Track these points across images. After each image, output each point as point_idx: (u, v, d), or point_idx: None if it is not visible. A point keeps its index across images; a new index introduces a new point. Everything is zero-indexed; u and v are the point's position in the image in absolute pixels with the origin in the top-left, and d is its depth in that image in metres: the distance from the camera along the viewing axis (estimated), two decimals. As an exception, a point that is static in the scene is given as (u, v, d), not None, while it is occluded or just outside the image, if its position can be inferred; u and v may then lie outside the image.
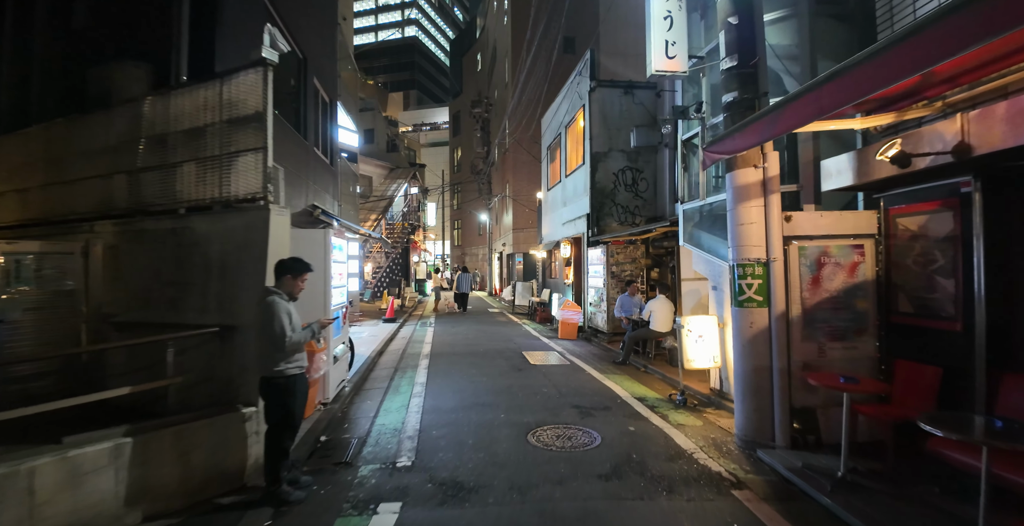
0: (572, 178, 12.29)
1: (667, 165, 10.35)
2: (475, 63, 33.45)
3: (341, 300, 5.55)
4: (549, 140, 14.90)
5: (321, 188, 9.25)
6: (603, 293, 9.60)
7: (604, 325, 9.55)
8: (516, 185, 21.83)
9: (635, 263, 9.63)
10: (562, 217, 13.05)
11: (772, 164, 4.10)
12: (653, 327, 7.17)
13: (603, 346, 9.14)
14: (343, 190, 12.38)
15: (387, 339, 9.67)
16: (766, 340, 4.06)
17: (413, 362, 7.57)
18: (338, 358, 5.42)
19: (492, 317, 14.71)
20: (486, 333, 10.95)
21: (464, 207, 33.61)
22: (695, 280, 7.43)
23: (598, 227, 10.71)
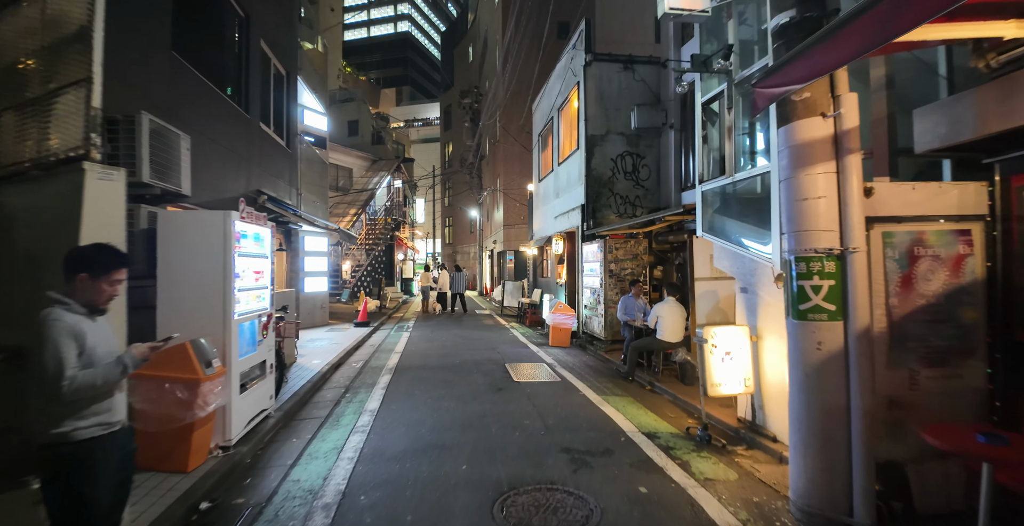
0: (565, 166, 11.01)
1: (672, 149, 9.09)
2: (466, 55, 32.21)
3: (259, 306, 4.24)
4: (540, 126, 13.61)
5: (272, 173, 7.92)
6: (600, 294, 8.33)
7: (601, 331, 8.28)
8: (507, 179, 20.54)
9: (636, 260, 8.36)
10: (554, 210, 11.76)
11: (850, 111, 2.82)
12: (661, 336, 5.90)
13: (600, 356, 7.87)
14: (309, 179, 11.05)
15: (350, 348, 8.36)
16: (841, 368, 2.79)
17: (372, 379, 6.25)
18: (252, 383, 4.10)
19: (478, 319, 13.42)
20: (467, 340, 9.65)
21: (455, 203, 32.30)
22: (711, 280, 6.17)
23: (594, 219, 9.44)
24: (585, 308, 9.16)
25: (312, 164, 11.14)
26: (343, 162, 19.47)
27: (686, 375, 5.88)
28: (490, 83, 24.89)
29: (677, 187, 8.99)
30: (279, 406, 4.85)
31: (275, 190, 8.02)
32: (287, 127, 8.90)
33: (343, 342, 8.87)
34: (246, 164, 6.85)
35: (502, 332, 10.86)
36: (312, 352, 7.79)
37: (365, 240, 18.78)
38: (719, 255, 4.85)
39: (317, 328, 10.87)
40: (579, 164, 9.92)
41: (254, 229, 4.20)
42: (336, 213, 18.19)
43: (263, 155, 7.54)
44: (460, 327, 11.76)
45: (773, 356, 4.14)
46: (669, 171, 9.22)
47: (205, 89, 5.64)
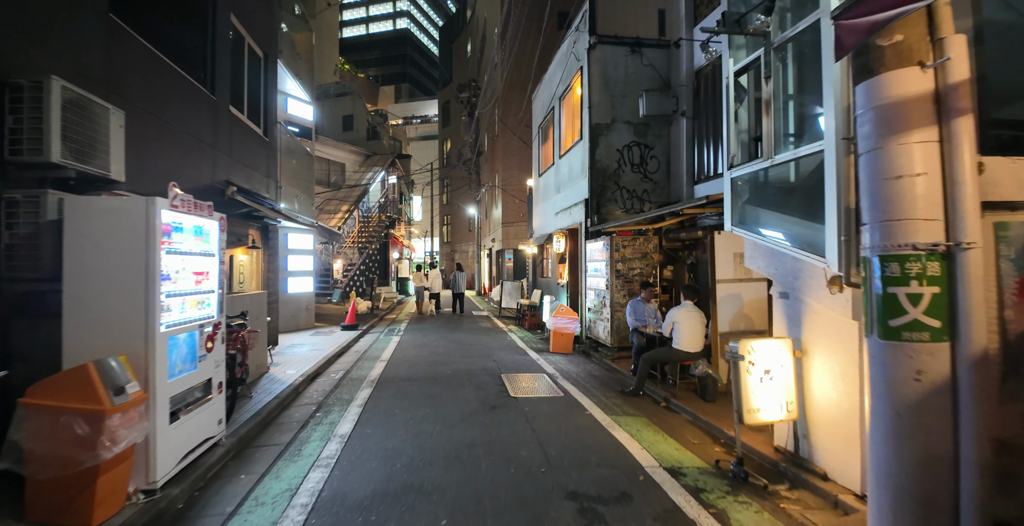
0: (567, 158, 10.28)
1: (684, 139, 8.37)
2: (465, 50, 31.54)
3: (200, 314, 3.51)
4: (541, 118, 12.88)
5: (245, 163, 7.19)
6: (606, 297, 7.60)
7: (607, 337, 7.55)
8: (506, 174, 19.81)
9: (646, 259, 7.63)
10: (555, 205, 11.03)
11: (959, 57, 2.09)
12: (678, 345, 5.17)
13: (606, 365, 7.15)
14: (292, 171, 10.32)
15: (332, 355, 7.63)
16: (947, 405, 2.06)
17: (349, 393, 5.53)
18: (190, 408, 3.37)
19: (475, 322, 12.70)
20: (462, 345, 8.92)
21: (454, 201, 31.59)
22: (735, 282, 5.44)
23: (599, 215, 8.72)
24: (589, 311, 8.44)
25: (296, 156, 10.40)
26: (335, 157, 18.73)
27: (707, 390, 5.15)
28: (488, 77, 24.16)
29: (689, 180, 8.27)
30: (233, 431, 4.13)
31: (249, 182, 7.29)
32: (265, 114, 8.16)
33: (326, 348, 8.15)
34: (211, 151, 6.11)
35: (499, 336, 10.14)
36: (289, 360, 7.06)
37: (358, 238, 18.05)
38: (751, 253, 4.12)
39: (301, 332, 10.15)
40: (582, 156, 9.19)
41: (194, 221, 3.46)
42: (327, 210, 17.47)
43: (234, 142, 6.81)
44: (455, 330, 11.03)
45: (822, 375, 3.43)
46: (680, 163, 8.50)
47: (156, 63, 4.90)
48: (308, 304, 10.79)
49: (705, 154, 7.84)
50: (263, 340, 6.30)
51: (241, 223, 7.05)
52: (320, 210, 17.55)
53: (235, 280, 6.72)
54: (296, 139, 10.49)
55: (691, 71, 8.28)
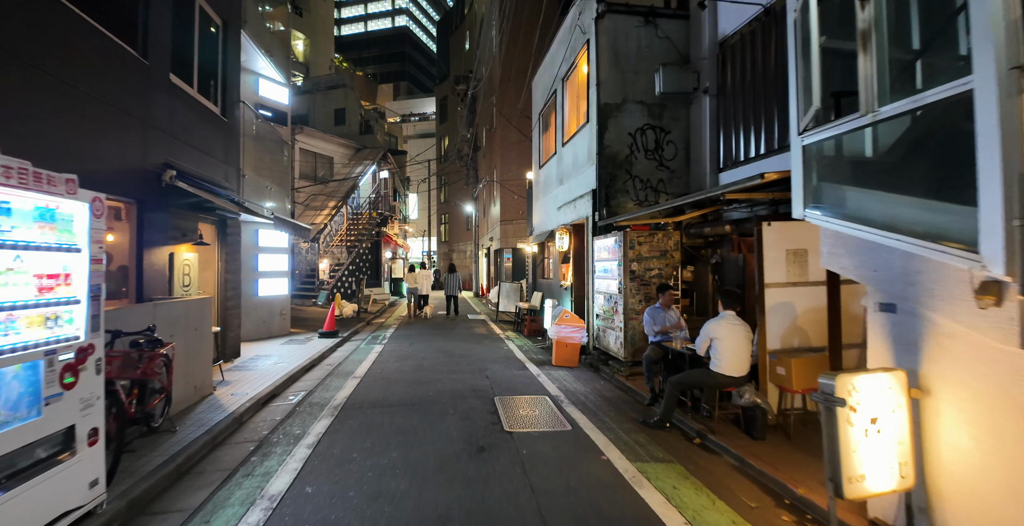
0: (571, 146, 9.18)
1: (707, 120, 7.28)
2: (463, 43, 30.48)
3: (44, 337, 2.40)
4: (541, 104, 11.78)
5: (194, 144, 6.09)
6: (618, 302, 6.50)
7: (619, 349, 6.45)
8: (504, 169, 18.71)
9: (665, 258, 6.53)
10: (558, 199, 9.94)
11: None
12: (718, 368, 4.08)
13: (618, 382, 6.06)
14: (262, 160, 9.23)
15: (298, 370, 6.53)
16: None
17: (303, 426, 4.42)
18: (23, 476, 2.27)
19: (469, 327, 11.60)
20: (452, 357, 7.83)
21: (451, 199, 30.50)
22: (786, 286, 4.35)
23: (608, 208, 7.63)
24: (597, 318, 7.34)
25: (267, 143, 9.30)
26: (322, 149, 17.63)
27: (754, 424, 4.05)
28: (486, 68, 23.08)
29: (714, 167, 7.18)
30: (125, 490, 3.02)
31: (200, 167, 6.20)
32: (223, 91, 7.06)
33: (293, 361, 7.05)
34: (140, 126, 5.02)
35: (495, 344, 9.04)
36: (244, 378, 5.96)
37: (346, 236, 16.95)
38: (832, 249, 3.02)
39: (274, 339, 9.06)
40: (589, 141, 8.10)
41: (34, 199, 2.36)
42: (313, 206, 16.39)
43: (177, 119, 5.71)
44: (446, 337, 9.93)
45: (956, 425, 2.33)
46: (703, 147, 7.41)
47: (49, 5, 3.80)
48: (283, 308, 9.70)
49: (733, 137, 6.76)
50: (206, 356, 5.21)
51: (186, 215, 5.95)
52: (306, 206, 16.47)
53: (177, 283, 5.62)
54: (269, 125, 9.39)
55: (715, 42, 7.18)
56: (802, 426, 4.20)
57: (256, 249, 9.08)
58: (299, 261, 16.35)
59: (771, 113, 5.79)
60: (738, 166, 6.60)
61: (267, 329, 9.32)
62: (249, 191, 8.40)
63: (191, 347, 4.89)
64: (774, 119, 5.75)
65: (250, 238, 8.91)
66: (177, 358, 4.63)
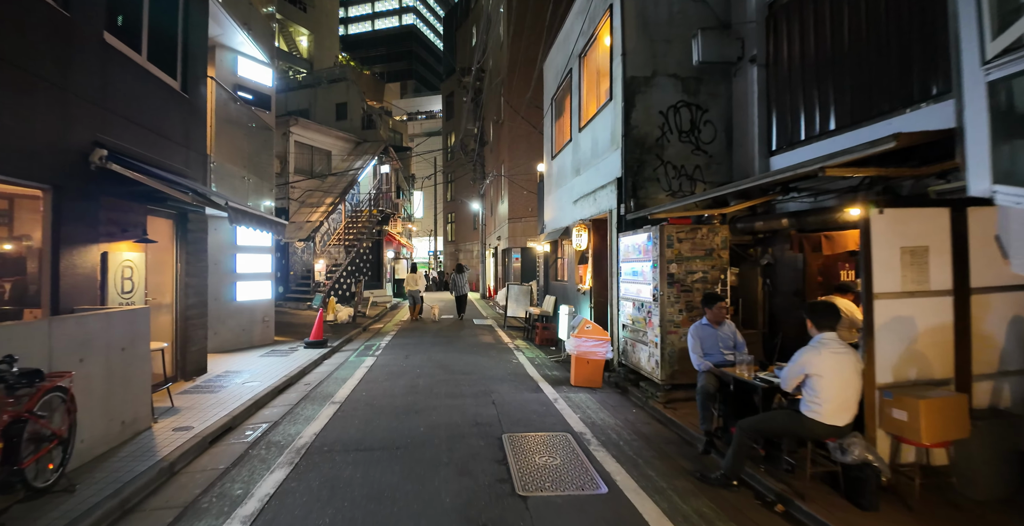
0: (590, 130, 8.05)
1: (754, 95, 6.15)
2: (469, 37, 29.48)
3: None
4: (554, 88, 10.65)
5: (140, 122, 5.04)
6: (652, 312, 5.36)
7: (654, 368, 5.30)
8: (512, 164, 17.61)
9: (711, 259, 5.38)
10: (574, 191, 8.81)
11: None
12: (814, 412, 2.93)
13: (655, 411, 4.92)
14: (243, 148, 8.19)
15: (269, 392, 5.46)
16: None
17: (246, 483, 3.34)
18: None
19: (474, 333, 10.50)
20: (452, 373, 6.73)
21: (457, 197, 29.46)
22: (901, 297, 3.20)
23: (636, 199, 6.49)
24: (624, 330, 6.20)
25: (244, 129, 8.27)
26: (320, 143, 16.61)
27: (863, 490, 2.90)
28: (493, 60, 22.00)
29: (763, 150, 6.03)
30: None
31: (149, 149, 5.15)
32: (184, 62, 6.02)
33: (267, 378, 5.99)
34: (58, 94, 3.97)
35: (503, 357, 7.93)
36: (199, 403, 4.90)
37: (344, 235, 15.93)
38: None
39: (254, 350, 8.02)
40: (612, 122, 6.96)
41: None
42: (310, 203, 15.40)
43: (113, 90, 4.66)
44: (447, 347, 8.84)
45: None
46: (748, 127, 6.26)
47: None
48: (265, 314, 8.66)
49: (789, 113, 5.61)
50: (140, 382, 4.15)
51: (128, 207, 4.90)
52: (301, 203, 15.47)
53: (113, 289, 4.57)
54: (249, 109, 8.35)
55: (763, 3, 6.04)
56: (928, 492, 3.04)
57: (234, 248, 8.05)
58: (294, 261, 15.36)
59: (847, 80, 4.65)
60: (796, 147, 5.45)
61: (247, 338, 8.29)
62: (221, 182, 7.37)
63: (116, 372, 3.83)
64: (848, 89, 4.63)
65: (227, 236, 7.89)
66: (93, 389, 3.58)
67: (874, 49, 4.34)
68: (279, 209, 15.51)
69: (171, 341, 5.75)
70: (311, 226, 14.01)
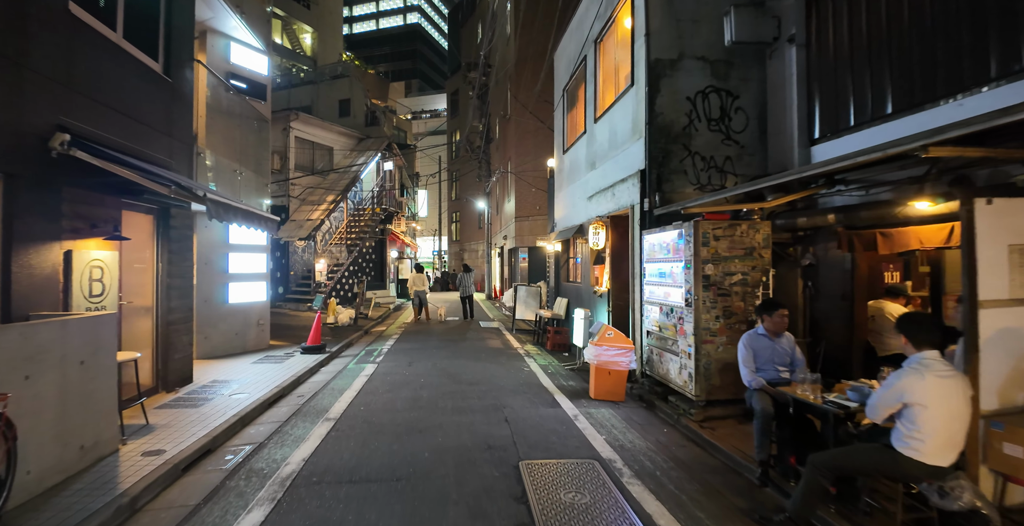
0: (607, 120, 7.48)
1: (793, 79, 5.60)
2: (475, 33, 28.96)
3: None
4: (566, 78, 10.08)
5: (112, 105, 4.52)
6: (683, 317, 4.79)
7: (686, 381, 4.73)
8: (520, 161, 17.06)
9: (751, 259, 4.80)
10: (589, 186, 8.25)
11: None
12: (915, 450, 2.36)
13: (690, 430, 4.36)
14: (236, 140, 7.67)
15: (257, 406, 4.94)
16: None
17: None
18: None
19: (482, 338, 9.96)
20: (459, 383, 6.19)
21: (462, 196, 28.92)
22: (1011, 305, 2.60)
23: (661, 193, 5.93)
24: (648, 337, 5.63)
25: (237, 119, 7.76)
26: (321, 138, 16.11)
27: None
28: (500, 54, 21.45)
29: (803, 139, 5.48)
30: None
31: (124, 135, 4.63)
32: (167, 43, 5.50)
33: (258, 389, 5.47)
34: (13, 68, 3.46)
35: (513, 364, 7.38)
36: (178, 420, 4.38)
37: (347, 233, 15.42)
38: None
39: (248, 355, 7.50)
40: (634, 109, 6.40)
41: None
42: (311, 200, 14.90)
43: (81, 68, 4.14)
44: (453, 352, 8.30)
45: None
46: (786, 114, 5.70)
47: None
48: (260, 317, 8.15)
49: (836, 97, 5.06)
50: (104, 399, 3.62)
51: (98, 199, 4.38)
52: (302, 200, 14.98)
53: (78, 292, 4.05)
54: (243, 98, 7.84)
55: (803, -23, 5.48)
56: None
57: (226, 247, 7.54)
58: (294, 261, 14.88)
59: (907, 58, 4.10)
60: (844, 134, 4.90)
61: (240, 343, 7.78)
62: (212, 174, 6.86)
63: (73, 389, 3.31)
64: (908, 68, 4.08)
65: (218, 234, 7.38)
66: (42, 410, 3.05)
67: (940, 22, 3.79)
68: (279, 207, 15.02)
69: (151, 348, 5.24)
70: (312, 225, 13.51)
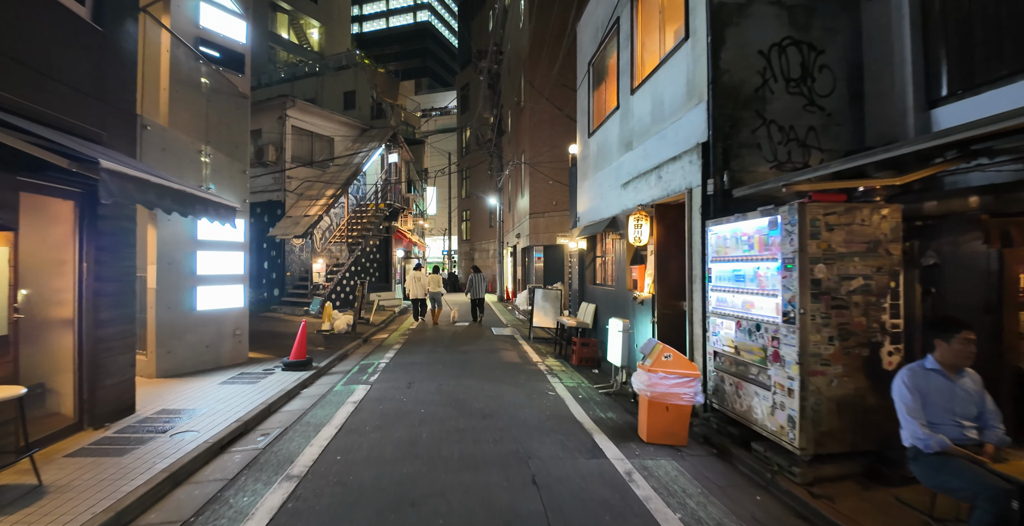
0: (650, 88, 6.16)
1: (904, 22, 4.27)
2: (486, 24, 27.79)
3: None
4: (592, 50, 8.77)
5: (12, 56, 3.32)
6: (779, 337, 3.46)
7: (784, 424, 3.40)
8: (534, 152, 15.76)
9: (875, 256, 3.45)
10: (622, 172, 6.92)
11: None
12: None
13: (794, 499, 3.03)
14: (204, 116, 6.47)
15: (197, 456, 3.70)
16: None
17: None
18: None
19: (495, 349, 8.69)
20: (469, 415, 4.92)
21: (473, 193, 27.71)
22: None
23: (730, 173, 4.61)
24: (716, 359, 4.30)
25: (206, 93, 6.56)
26: (321, 128, 14.95)
27: None
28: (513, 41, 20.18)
29: (920, 100, 4.17)
30: None
31: (29, 94, 3.42)
32: (98, -18, 4.29)
33: (212, 424, 4.24)
34: None
35: (533, 385, 6.09)
36: (84, 478, 3.16)
37: (348, 231, 14.24)
38: None
39: (220, 372, 6.31)
40: (690, 68, 5.08)
41: None
42: (309, 195, 13.75)
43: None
44: (462, 368, 7.02)
45: None
46: (892, 72, 4.37)
47: None
48: (237, 326, 6.95)
49: (967, 45, 3.72)
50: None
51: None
52: (299, 195, 13.83)
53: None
54: (216, 69, 6.65)
55: None
56: None
57: (194, 245, 6.35)
58: (291, 261, 13.73)
59: None
60: (984, 88, 3.59)
61: (213, 357, 6.59)
62: (166, 155, 5.66)
63: None
64: None
65: (184, 229, 6.20)
66: None
67: None
68: (274, 202, 13.89)
69: (71, 374, 4.04)
70: (309, 221, 12.34)
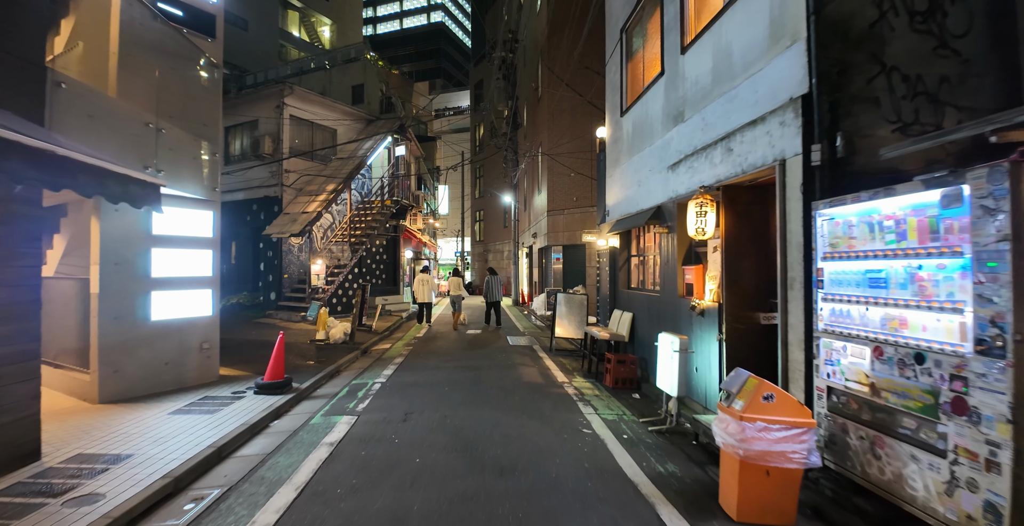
0: (711, 39, 4.87)
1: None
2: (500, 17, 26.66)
3: None
4: (624, 15, 7.49)
5: None
6: (971, 377, 2.17)
7: (968, 513, 2.11)
8: (553, 145, 14.51)
9: None
10: (670, 151, 5.63)
11: None
12: None
13: None
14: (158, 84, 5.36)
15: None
16: None
17: None
18: None
19: (511, 362, 7.45)
20: (480, 469, 3.69)
21: (487, 190, 26.57)
22: None
23: (844, 136, 3.31)
24: (834, 397, 3.00)
25: (169, 59, 5.45)
26: (322, 118, 13.90)
27: None
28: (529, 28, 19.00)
29: None
30: None
31: None
32: None
33: (131, 484, 3.06)
34: None
35: (563, 418, 4.83)
36: None
37: (351, 230, 13.14)
38: None
39: (180, 395, 5.17)
40: (774, 2, 3.80)
41: None
42: (308, 190, 12.68)
43: None
44: (472, 391, 5.79)
45: None
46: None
47: None
48: (205, 339, 5.81)
49: None
50: None
51: None
52: (298, 190, 12.77)
53: None
54: (177, 31, 5.54)
55: None
56: None
57: (148, 240, 5.24)
58: (288, 262, 12.67)
59: None
60: None
61: (174, 376, 5.46)
62: (95, 124, 4.54)
63: None
64: None
65: (136, 222, 5.09)
66: None
67: None
68: (270, 198, 12.86)
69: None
70: (307, 218, 11.26)
